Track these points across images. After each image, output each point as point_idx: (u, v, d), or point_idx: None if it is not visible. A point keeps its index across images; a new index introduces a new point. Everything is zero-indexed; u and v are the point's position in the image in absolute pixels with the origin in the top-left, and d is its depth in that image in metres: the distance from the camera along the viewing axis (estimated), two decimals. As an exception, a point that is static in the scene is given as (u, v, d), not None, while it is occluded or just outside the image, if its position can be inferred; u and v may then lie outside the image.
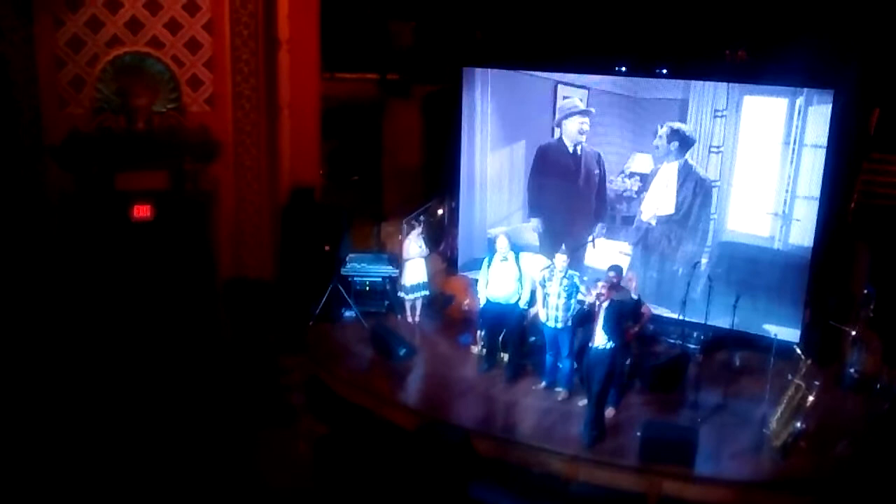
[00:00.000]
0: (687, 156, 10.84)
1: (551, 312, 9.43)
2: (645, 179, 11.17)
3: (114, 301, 10.49)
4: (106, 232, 10.60)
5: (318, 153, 12.44)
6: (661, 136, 10.93)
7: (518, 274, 9.94)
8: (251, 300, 11.31)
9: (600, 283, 8.60)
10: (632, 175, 11.25)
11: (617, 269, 8.96)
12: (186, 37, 11.12)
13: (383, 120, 15.00)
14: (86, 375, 9.46)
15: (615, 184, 11.38)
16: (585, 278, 9.55)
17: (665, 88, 10.86)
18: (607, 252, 11.19)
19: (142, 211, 10.82)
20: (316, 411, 9.28)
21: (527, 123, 12.00)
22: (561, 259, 9.39)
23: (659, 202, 11.13)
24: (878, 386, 9.41)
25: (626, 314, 8.72)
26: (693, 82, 10.60)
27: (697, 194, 10.86)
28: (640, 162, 11.19)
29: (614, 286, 8.67)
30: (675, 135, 10.86)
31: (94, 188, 10.58)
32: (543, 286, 9.53)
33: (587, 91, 11.40)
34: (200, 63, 11.30)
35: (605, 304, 8.49)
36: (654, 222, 11.22)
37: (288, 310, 11.29)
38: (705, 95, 10.55)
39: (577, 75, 11.44)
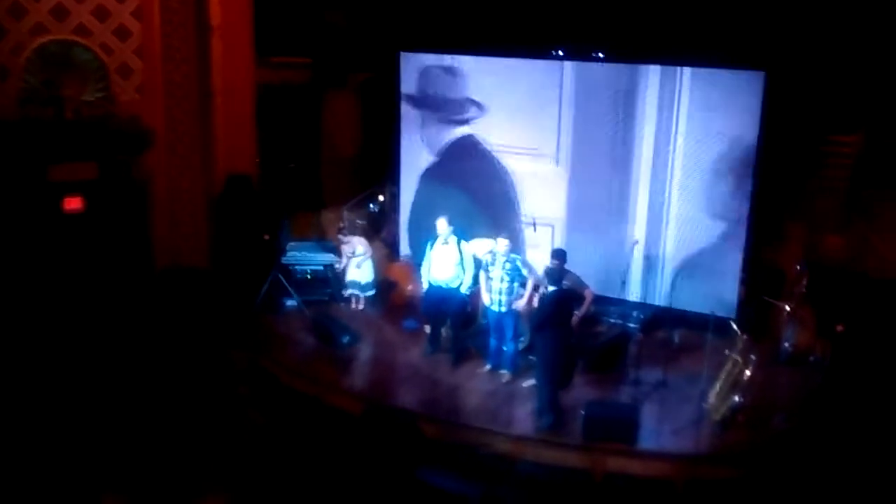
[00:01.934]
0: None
1: (494, 297, 9.47)
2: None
3: (46, 295, 10.19)
4: (36, 225, 10.28)
5: (253, 141, 12.26)
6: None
7: (459, 258, 9.95)
8: (189, 291, 11.10)
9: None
10: None
11: (559, 254, 9.02)
12: (115, 24, 10.81)
13: (321, 107, 14.85)
14: (21, 371, 9.17)
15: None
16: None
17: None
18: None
19: (73, 203, 10.51)
20: (260, 401, 9.19)
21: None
22: (502, 243, 9.43)
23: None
24: (812, 359, 9.69)
25: (561, 301, 8.75)
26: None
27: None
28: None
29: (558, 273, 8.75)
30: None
31: (22, 181, 10.24)
32: (486, 270, 9.57)
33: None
34: (130, 51, 11.01)
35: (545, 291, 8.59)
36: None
37: (227, 300, 11.12)
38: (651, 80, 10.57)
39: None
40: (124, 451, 8.04)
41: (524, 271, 9.46)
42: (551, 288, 8.64)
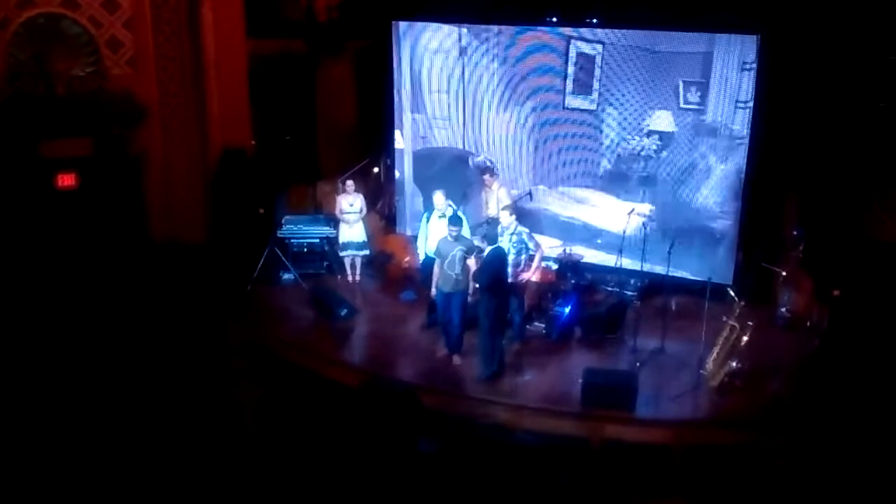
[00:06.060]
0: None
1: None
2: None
3: (42, 275, 10.16)
4: (29, 203, 10.23)
5: (248, 113, 12.16)
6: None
7: (457, 229, 9.89)
8: (186, 265, 11.08)
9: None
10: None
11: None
12: (103, -4, 10.73)
13: (316, 77, 14.69)
14: (17, 352, 9.17)
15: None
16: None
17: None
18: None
19: (66, 180, 10.46)
20: (258, 375, 9.21)
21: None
22: (506, 216, 9.39)
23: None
24: (809, 324, 9.68)
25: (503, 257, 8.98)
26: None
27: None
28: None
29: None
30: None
31: (14, 158, 10.17)
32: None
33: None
34: (119, 23, 10.92)
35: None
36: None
37: (224, 274, 11.09)
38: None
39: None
40: (120, 429, 8.05)
41: (531, 245, 9.42)
42: (489, 248, 8.77)
